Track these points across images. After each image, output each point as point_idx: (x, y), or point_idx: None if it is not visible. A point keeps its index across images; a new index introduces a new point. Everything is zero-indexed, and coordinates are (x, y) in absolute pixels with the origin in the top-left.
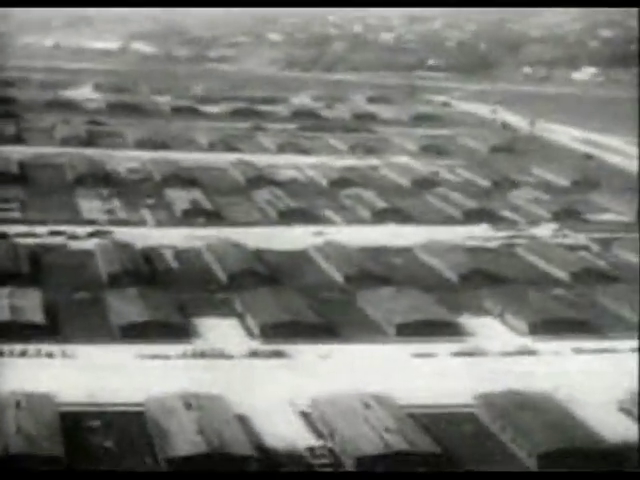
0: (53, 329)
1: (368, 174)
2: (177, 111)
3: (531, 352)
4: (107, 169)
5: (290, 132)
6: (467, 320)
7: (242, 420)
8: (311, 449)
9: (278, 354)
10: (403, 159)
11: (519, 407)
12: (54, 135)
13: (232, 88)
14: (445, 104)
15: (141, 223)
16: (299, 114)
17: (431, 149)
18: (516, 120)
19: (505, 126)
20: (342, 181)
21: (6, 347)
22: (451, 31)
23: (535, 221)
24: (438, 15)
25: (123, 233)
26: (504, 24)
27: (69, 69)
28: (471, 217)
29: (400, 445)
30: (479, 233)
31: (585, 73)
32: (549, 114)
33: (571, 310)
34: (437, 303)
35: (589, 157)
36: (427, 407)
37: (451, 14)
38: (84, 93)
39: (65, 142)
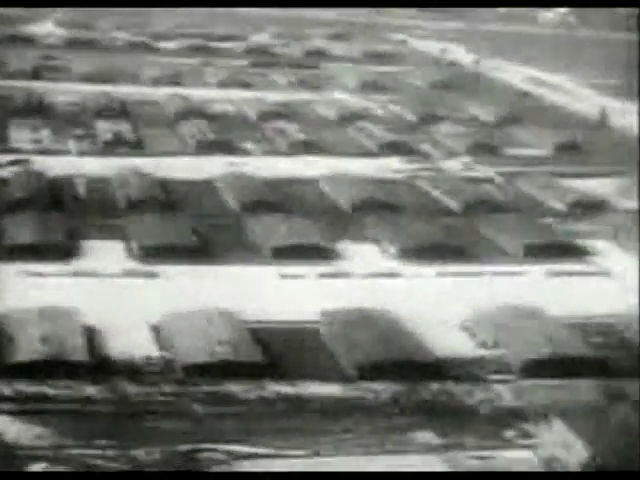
0: None
1: (298, 109)
2: (131, 47)
3: (393, 274)
4: (45, 102)
5: (237, 68)
6: (343, 246)
7: (90, 331)
8: (148, 358)
9: (151, 275)
10: (339, 95)
11: (357, 323)
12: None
13: (197, 26)
14: (402, 42)
15: (64, 152)
16: (252, 51)
17: (371, 85)
18: (468, 58)
19: (453, 64)
20: (270, 114)
21: None
22: None
23: (449, 154)
24: None
25: (41, 162)
26: None
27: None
28: (385, 150)
29: (227, 356)
30: (389, 165)
31: (556, 13)
32: (506, 52)
33: (447, 237)
34: (320, 230)
35: (526, 94)
36: (273, 323)
37: None
38: (45, 28)
39: (11, 76)
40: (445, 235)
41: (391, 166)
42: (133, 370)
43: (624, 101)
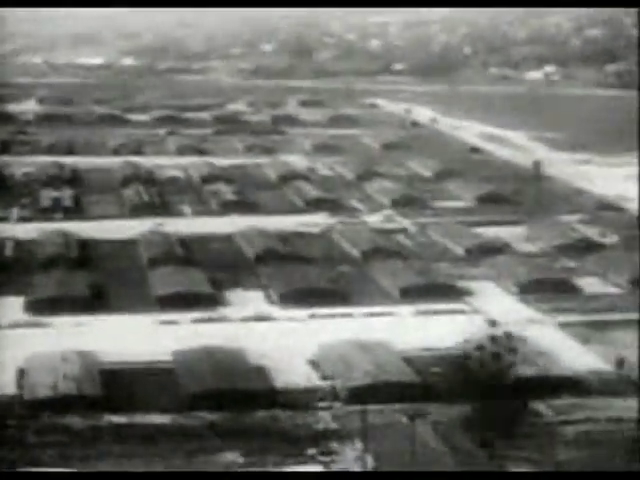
0: None
1: (243, 171)
2: (103, 119)
3: (266, 318)
4: (3, 173)
5: (200, 136)
6: (233, 293)
7: None
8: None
9: (39, 324)
10: (291, 157)
11: (202, 360)
12: None
13: (177, 97)
14: (373, 106)
15: (3, 219)
16: (222, 119)
17: (325, 148)
18: (431, 118)
19: (414, 124)
20: (212, 178)
21: None
22: (442, 35)
23: (374, 209)
24: (438, 20)
25: None
26: (499, 27)
27: (30, 83)
28: (313, 207)
29: (69, 390)
30: (312, 220)
31: (542, 72)
32: (473, 111)
33: (335, 282)
34: (212, 279)
35: (475, 150)
36: (129, 363)
37: (450, 18)
38: (27, 106)
39: None
40: (334, 280)
41: (312, 221)
42: None
43: (569, 152)
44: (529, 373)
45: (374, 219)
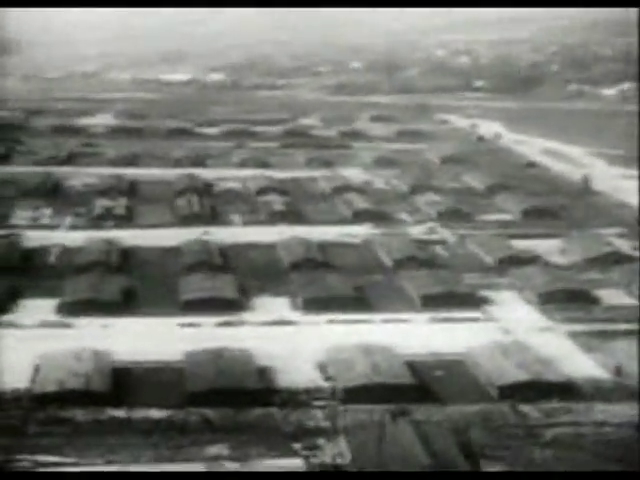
0: None
1: (299, 183)
2: (173, 133)
3: (287, 322)
4: (63, 184)
5: (266, 149)
6: (260, 299)
7: None
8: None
9: (65, 325)
10: (350, 171)
11: (211, 360)
12: (40, 156)
13: (253, 112)
14: (443, 121)
15: (54, 227)
16: (291, 133)
17: (385, 161)
18: (496, 133)
19: (480, 139)
20: (267, 189)
21: None
22: (530, 54)
23: (419, 221)
24: (527, 39)
25: (28, 235)
26: (589, 46)
27: (110, 98)
28: (360, 218)
29: (76, 386)
30: (356, 231)
31: (619, 89)
32: (540, 127)
33: (362, 290)
34: (241, 285)
35: (531, 165)
36: (144, 363)
37: (539, 37)
38: (101, 119)
39: (43, 162)
40: (359, 287)
41: (356, 231)
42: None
43: (625, 167)
44: (521, 378)
45: (417, 230)
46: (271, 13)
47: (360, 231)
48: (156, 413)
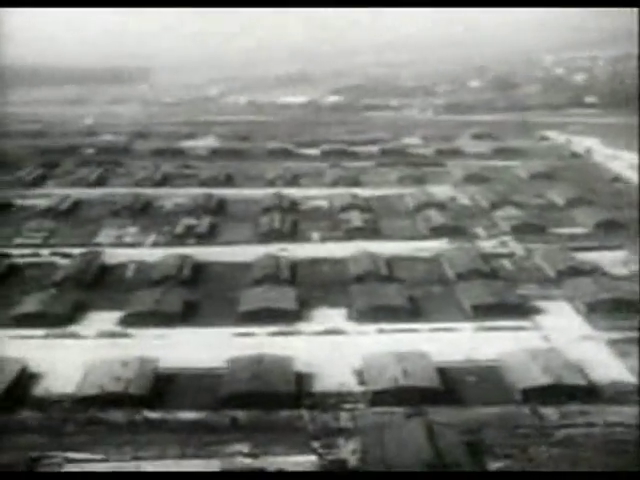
0: None
1: (385, 201)
2: (273, 153)
3: (338, 332)
4: (153, 204)
5: (360, 168)
6: (316, 310)
7: None
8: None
9: (123, 335)
10: (438, 188)
11: (249, 366)
12: (136, 177)
13: (357, 132)
14: (542, 138)
15: (137, 245)
16: (388, 152)
17: (474, 178)
18: (586, 149)
19: (574, 155)
20: (350, 207)
21: None
22: None
23: (493, 235)
24: None
25: (109, 253)
26: None
27: (220, 121)
28: (436, 233)
29: (116, 389)
30: (429, 246)
31: None
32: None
33: (415, 301)
34: (302, 297)
35: (617, 179)
36: (186, 369)
37: None
38: (204, 142)
39: (138, 184)
40: (417, 299)
41: (429, 246)
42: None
43: None
44: (544, 382)
45: (489, 244)
46: (395, 33)
47: (433, 246)
48: (188, 415)
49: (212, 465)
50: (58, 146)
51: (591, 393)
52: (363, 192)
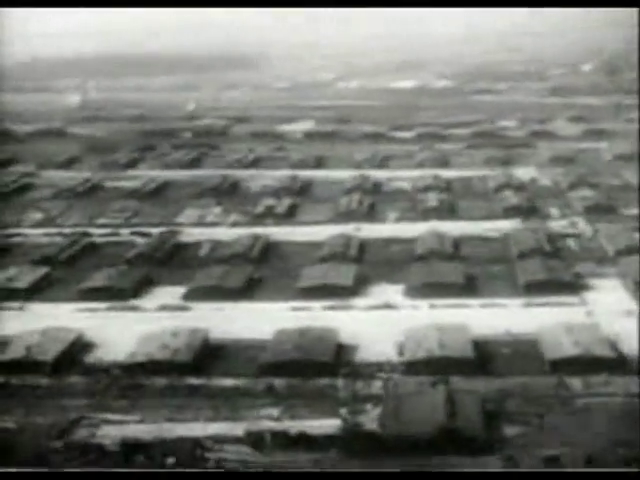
0: None
1: (466, 182)
2: (367, 136)
3: (390, 307)
4: (240, 186)
5: (449, 150)
6: (375, 286)
7: None
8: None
9: (181, 308)
10: (521, 170)
11: (295, 336)
12: (228, 159)
13: (453, 115)
14: (631, 120)
15: (218, 224)
16: (480, 135)
17: (560, 160)
18: None
19: None
20: (430, 188)
21: None
22: None
23: (565, 215)
24: None
25: (188, 232)
26: None
27: (326, 105)
28: (509, 214)
29: (162, 357)
30: (500, 226)
31: None
32: None
33: (464, 277)
34: (361, 274)
35: None
36: (234, 340)
37: None
38: (303, 125)
39: (229, 165)
40: (474, 276)
41: (500, 226)
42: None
43: None
44: (573, 353)
45: (559, 224)
46: (511, 17)
47: (505, 225)
48: (228, 382)
49: (238, 428)
50: (157, 129)
51: (620, 365)
52: (447, 173)
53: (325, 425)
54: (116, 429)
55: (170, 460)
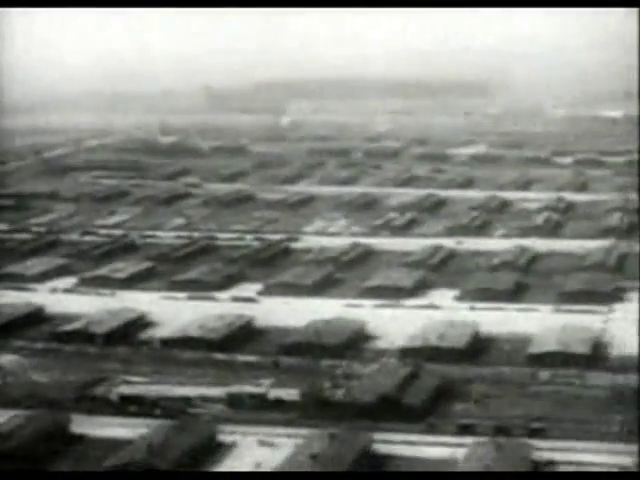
0: None
1: (587, 205)
2: (527, 161)
3: (433, 307)
4: (381, 201)
5: (595, 176)
6: (435, 290)
7: None
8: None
9: (253, 301)
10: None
11: (325, 325)
12: (378, 177)
13: (624, 143)
14: None
15: (338, 234)
16: (633, 163)
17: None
18: None
19: None
20: (547, 208)
21: None
22: None
23: None
24: None
25: (306, 240)
26: None
27: (513, 131)
28: (605, 234)
29: (192, 334)
30: (593, 245)
31: None
32: None
33: (514, 284)
34: (427, 280)
35: None
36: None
37: None
38: (475, 149)
39: (378, 183)
40: (524, 284)
41: (593, 245)
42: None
43: None
44: (551, 349)
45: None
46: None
47: (594, 245)
48: (244, 358)
49: (230, 390)
50: (333, 149)
51: (595, 362)
52: (575, 197)
53: (294, 393)
54: (130, 388)
55: (157, 411)
